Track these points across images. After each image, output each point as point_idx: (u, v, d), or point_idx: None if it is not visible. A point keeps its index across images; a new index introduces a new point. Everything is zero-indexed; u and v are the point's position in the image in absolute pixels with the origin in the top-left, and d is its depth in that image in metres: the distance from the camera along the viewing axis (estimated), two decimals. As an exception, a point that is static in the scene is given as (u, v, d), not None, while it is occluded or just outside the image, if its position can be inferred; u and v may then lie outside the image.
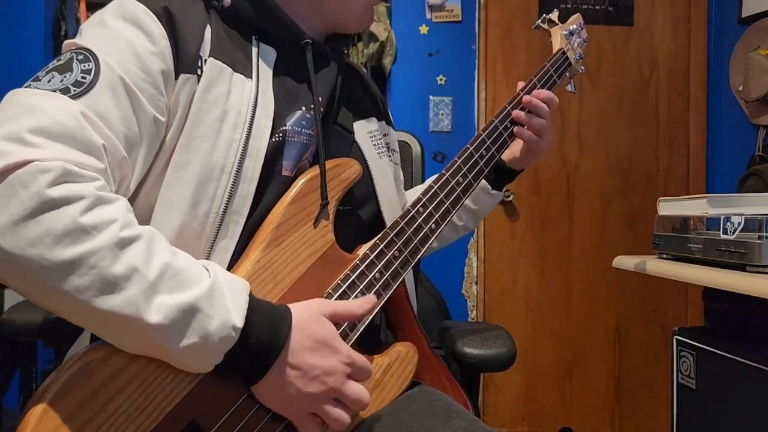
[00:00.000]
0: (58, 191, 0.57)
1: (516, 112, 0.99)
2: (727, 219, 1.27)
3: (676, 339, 1.57)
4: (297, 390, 0.67)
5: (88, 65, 0.66)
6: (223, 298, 0.63)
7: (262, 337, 0.64)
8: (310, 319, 0.69)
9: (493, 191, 1.12)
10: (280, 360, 0.66)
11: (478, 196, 1.11)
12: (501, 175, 1.11)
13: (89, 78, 0.65)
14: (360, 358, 0.71)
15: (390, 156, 0.98)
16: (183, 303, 0.60)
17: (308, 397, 0.67)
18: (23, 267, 0.56)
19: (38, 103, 0.61)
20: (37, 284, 0.57)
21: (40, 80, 0.65)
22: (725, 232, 1.27)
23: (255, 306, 0.65)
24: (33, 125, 0.59)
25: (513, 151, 1.08)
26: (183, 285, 0.61)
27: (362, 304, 0.74)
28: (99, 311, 0.57)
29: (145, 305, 0.58)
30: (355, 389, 0.70)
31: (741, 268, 1.23)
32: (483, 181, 1.08)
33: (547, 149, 1.06)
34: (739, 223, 1.24)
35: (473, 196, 1.10)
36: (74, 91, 0.64)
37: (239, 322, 0.63)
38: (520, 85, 1.04)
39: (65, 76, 0.65)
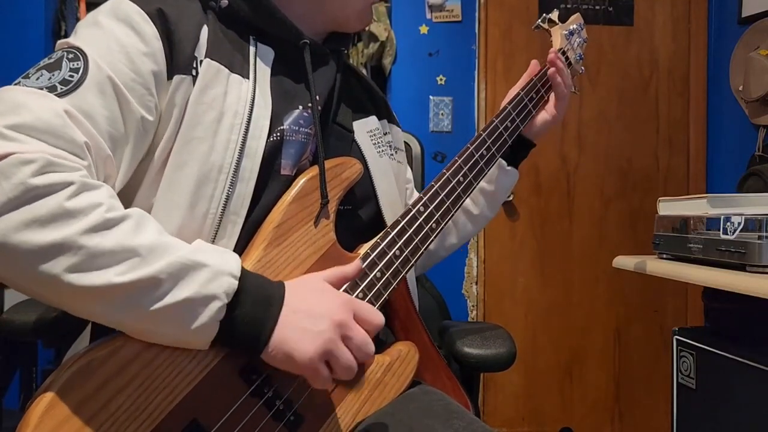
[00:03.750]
0: (42, 180, 0.57)
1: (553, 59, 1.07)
2: (727, 219, 1.27)
3: (676, 339, 1.57)
4: (305, 330, 0.66)
5: (77, 64, 0.67)
6: (216, 253, 0.65)
7: (260, 292, 0.65)
8: (303, 280, 0.71)
9: (509, 168, 1.10)
10: (284, 309, 0.66)
11: (494, 175, 1.10)
12: (515, 151, 1.09)
13: (77, 77, 0.66)
14: (365, 306, 0.71)
15: (392, 155, 0.98)
16: (174, 262, 0.61)
17: (318, 337, 0.65)
18: (12, 254, 0.56)
19: (23, 100, 0.62)
20: (27, 270, 0.57)
21: (29, 78, 0.65)
22: (725, 232, 1.27)
23: (246, 270, 0.67)
24: (14, 122, 0.60)
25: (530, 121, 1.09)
26: (172, 249, 0.62)
27: (352, 266, 0.74)
28: (92, 288, 0.58)
29: (137, 271, 0.59)
30: (361, 332, 0.69)
31: (741, 268, 1.23)
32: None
33: (564, 113, 1.11)
34: (739, 223, 1.24)
35: (489, 177, 1.09)
36: (61, 89, 0.64)
37: (236, 271, 0.64)
38: (511, 93, 1.05)
39: (53, 74, 0.65)
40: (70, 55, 0.68)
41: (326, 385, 0.68)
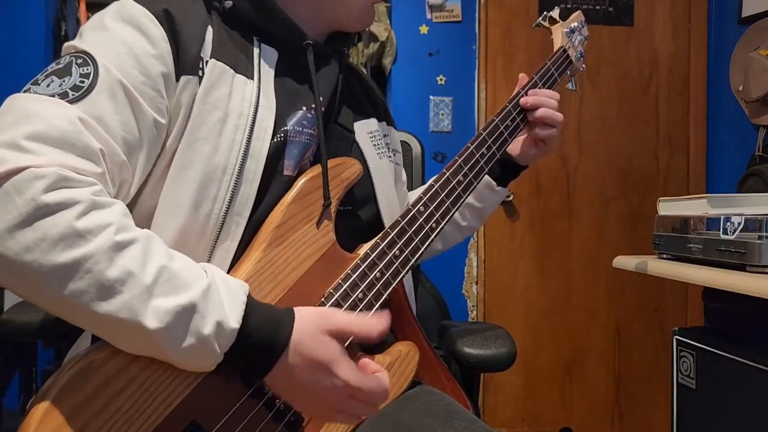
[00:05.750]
0: (53, 197, 0.56)
1: (525, 99, 1.00)
2: (727, 219, 1.27)
3: (676, 339, 1.57)
4: (307, 389, 0.67)
5: (87, 69, 0.66)
6: (220, 300, 0.62)
7: (263, 335, 0.64)
8: (308, 336, 0.66)
9: (498, 188, 1.10)
10: (283, 359, 0.65)
11: (483, 193, 1.10)
12: (506, 172, 1.10)
13: (87, 82, 0.65)
14: (363, 382, 0.67)
15: (390, 156, 0.98)
16: (178, 305, 0.59)
17: (318, 400, 0.67)
18: (20, 272, 0.56)
19: (36, 108, 0.61)
20: (35, 289, 0.57)
21: (39, 84, 0.65)
22: (725, 232, 1.27)
23: (254, 306, 0.65)
24: (29, 131, 0.59)
25: (518, 146, 1.07)
26: (179, 288, 0.60)
27: (376, 324, 0.69)
28: (96, 315, 0.58)
29: (141, 309, 0.58)
30: (359, 409, 0.68)
31: (741, 268, 1.23)
32: (487, 177, 1.08)
33: (556, 146, 1.06)
34: (739, 223, 1.24)
35: (477, 194, 1.10)
36: (72, 95, 0.64)
37: (234, 323, 0.62)
38: (522, 77, 1.05)
39: (64, 80, 0.65)
40: (79, 60, 0.67)
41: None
